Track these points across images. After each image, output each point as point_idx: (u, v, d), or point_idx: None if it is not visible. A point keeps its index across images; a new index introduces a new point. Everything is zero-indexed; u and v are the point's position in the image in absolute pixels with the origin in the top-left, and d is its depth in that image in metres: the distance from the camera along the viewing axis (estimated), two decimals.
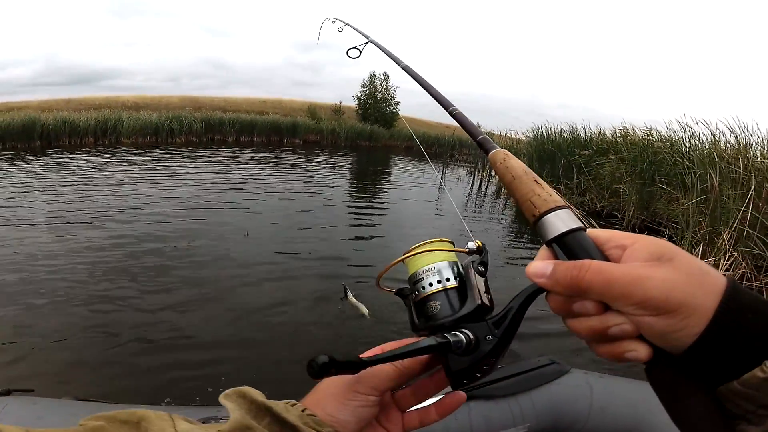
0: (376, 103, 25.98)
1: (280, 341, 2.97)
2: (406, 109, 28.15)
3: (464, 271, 0.43)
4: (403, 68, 0.79)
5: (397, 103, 26.61)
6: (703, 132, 6.69)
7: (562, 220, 0.36)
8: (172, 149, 14.53)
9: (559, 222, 0.35)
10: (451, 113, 0.56)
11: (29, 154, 11.89)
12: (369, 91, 26.39)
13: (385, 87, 26.57)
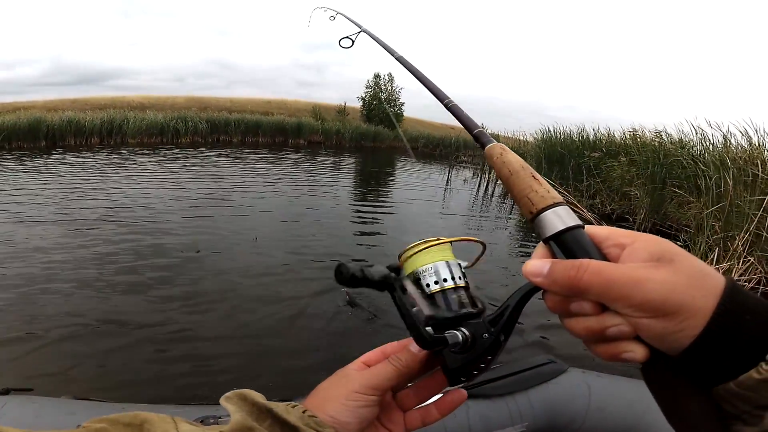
0: (381, 104, 25.98)
1: (283, 342, 2.96)
2: (411, 110, 28.08)
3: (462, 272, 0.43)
4: (396, 59, 0.76)
5: (402, 104, 26.60)
6: (715, 134, 6.65)
7: (560, 218, 0.35)
8: (177, 150, 14.54)
9: (556, 219, 0.35)
10: (446, 105, 0.54)
11: (36, 154, 11.93)
12: (373, 92, 26.37)
13: (389, 88, 26.56)
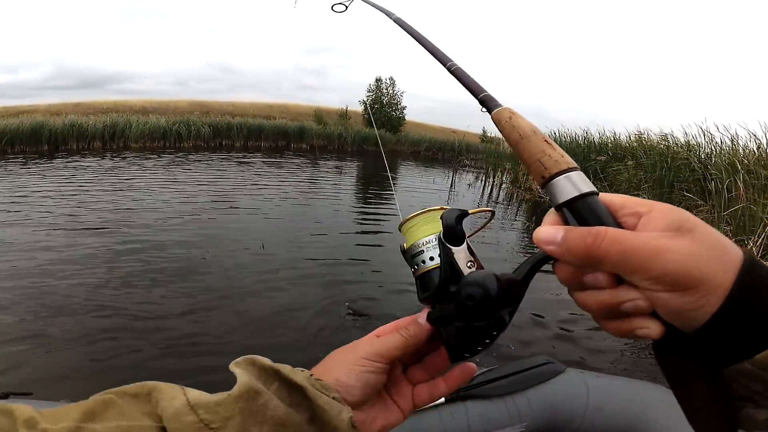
0: (383, 108, 26.01)
1: (288, 346, 2.96)
2: (412, 113, 28.14)
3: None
4: (394, 20, 0.71)
5: (404, 107, 26.68)
6: (723, 137, 6.62)
7: (574, 183, 0.32)
8: (181, 154, 14.54)
9: (570, 185, 0.32)
10: (449, 69, 0.51)
11: (38, 158, 11.92)
12: (375, 95, 26.43)
13: (391, 92, 26.63)
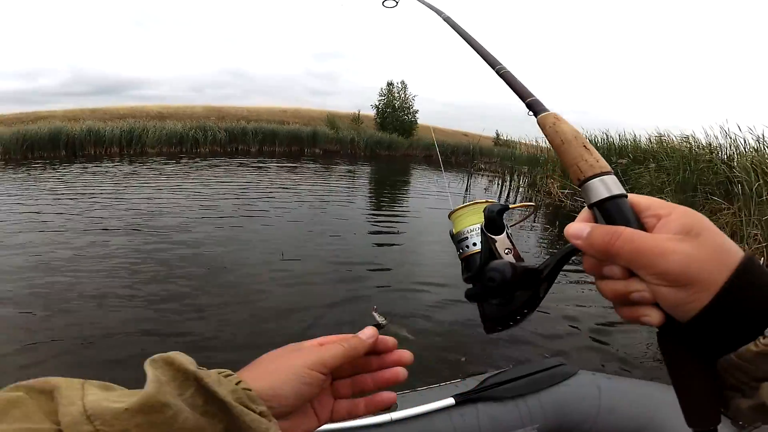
0: (395, 112, 25.99)
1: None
2: (424, 117, 28.07)
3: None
4: (444, 19, 0.71)
5: (416, 111, 26.61)
6: (748, 138, 6.50)
7: (606, 186, 0.36)
8: (198, 159, 14.75)
9: (602, 187, 0.36)
10: (498, 72, 0.53)
11: (57, 164, 12.17)
12: (387, 99, 26.40)
13: (403, 95, 26.59)
